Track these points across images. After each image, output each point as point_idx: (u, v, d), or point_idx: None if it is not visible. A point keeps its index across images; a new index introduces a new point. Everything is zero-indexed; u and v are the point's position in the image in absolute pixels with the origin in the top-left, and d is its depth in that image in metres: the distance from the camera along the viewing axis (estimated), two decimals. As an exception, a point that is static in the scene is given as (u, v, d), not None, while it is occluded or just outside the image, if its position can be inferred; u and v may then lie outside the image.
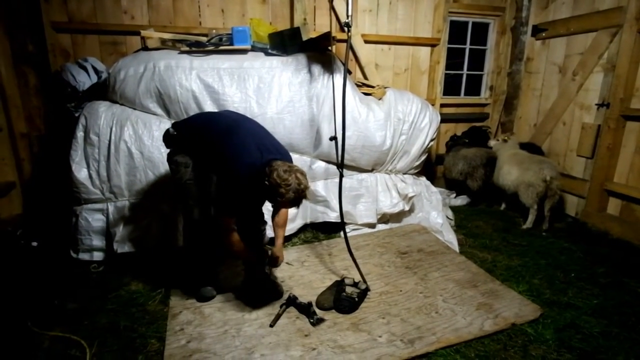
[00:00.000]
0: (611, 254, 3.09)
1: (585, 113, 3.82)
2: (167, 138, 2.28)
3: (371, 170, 3.42)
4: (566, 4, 3.95)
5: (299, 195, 1.94)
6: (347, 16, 2.32)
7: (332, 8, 3.76)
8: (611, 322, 2.23)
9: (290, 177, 1.91)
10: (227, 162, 2.01)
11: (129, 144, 2.79)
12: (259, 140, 2.07)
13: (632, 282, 2.67)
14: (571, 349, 2.01)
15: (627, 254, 3.10)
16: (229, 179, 2.03)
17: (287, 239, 3.11)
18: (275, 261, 2.29)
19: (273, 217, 2.29)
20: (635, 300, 2.45)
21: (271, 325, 2.12)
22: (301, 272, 2.69)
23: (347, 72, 2.49)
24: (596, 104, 3.67)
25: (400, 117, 3.36)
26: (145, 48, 3.09)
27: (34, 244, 2.89)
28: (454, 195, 4.38)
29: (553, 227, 3.60)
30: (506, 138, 4.01)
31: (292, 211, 3.08)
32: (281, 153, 2.09)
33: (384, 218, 3.43)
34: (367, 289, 2.41)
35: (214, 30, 3.33)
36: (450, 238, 3.26)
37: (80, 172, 2.77)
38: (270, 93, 2.99)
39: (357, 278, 2.46)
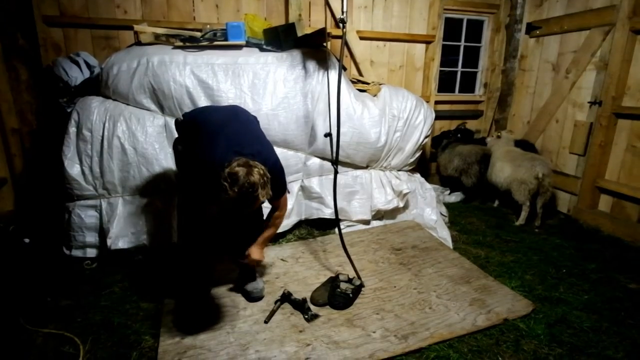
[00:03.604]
0: (602, 250, 3.13)
1: (578, 111, 3.86)
2: (175, 125, 2.35)
3: (366, 167, 3.43)
4: (560, 2, 3.97)
5: (244, 193, 1.67)
6: (342, 12, 2.32)
7: (327, 4, 3.75)
8: (601, 317, 2.27)
9: (241, 170, 1.68)
10: (194, 159, 1.99)
11: (122, 140, 2.76)
12: (239, 145, 1.87)
13: (622, 277, 2.71)
14: (562, 344, 2.04)
15: (617, 250, 3.14)
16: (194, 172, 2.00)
17: (282, 235, 3.11)
18: (244, 258, 2.17)
19: (267, 218, 2.25)
20: (625, 296, 2.49)
21: (266, 322, 2.13)
22: (296, 269, 2.69)
23: (342, 68, 2.48)
24: (588, 102, 3.70)
25: (395, 113, 3.37)
26: (139, 43, 3.07)
27: (26, 240, 2.86)
28: (448, 192, 4.40)
29: (545, 223, 3.63)
30: (499, 134, 4.04)
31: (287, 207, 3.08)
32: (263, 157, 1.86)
33: (379, 214, 3.44)
34: (361, 285, 2.42)
35: (208, 26, 3.31)
36: (444, 234, 3.28)
37: (73, 168, 2.74)
38: (265, 89, 2.98)
39: (352, 274, 2.47)
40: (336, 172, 2.50)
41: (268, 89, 2.99)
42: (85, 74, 3.07)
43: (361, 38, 4.08)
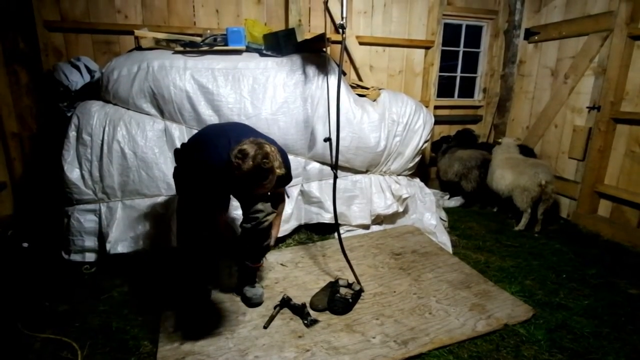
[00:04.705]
0: (602, 255, 3.12)
1: (577, 116, 3.87)
2: (175, 154, 2.30)
3: (365, 172, 3.43)
4: (558, 8, 4.00)
5: (258, 165, 1.62)
6: (342, 18, 2.33)
7: (327, 9, 3.76)
8: (602, 322, 2.26)
9: (250, 146, 1.65)
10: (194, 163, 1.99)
11: (122, 144, 2.77)
12: (239, 140, 1.82)
13: (622, 282, 2.70)
14: (562, 349, 2.03)
15: (617, 255, 3.14)
16: (195, 176, 1.98)
17: (281, 240, 3.10)
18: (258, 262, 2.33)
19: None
20: (625, 301, 2.48)
21: (265, 327, 2.12)
22: (295, 273, 2.68)
23: (342, 73, 2.49)
24: (587, 107, 3.72)
25: (394, 118, 3.37)
26: (139, 48, 3.08)
27: (25, 245, 2.86)
28: (448, 196, 4.40)
29: (545, 228, 3.63)
30: (499, 140, 4.03)
31: (286, 211, 3.08)
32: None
33: (378, 219, 3.44)
34: (361, 290, 2.41)
35: (208, 31, 3.32)
36: (444, 239, 3.28)
37: (73, 172, 2.74)
38: (265, 94, 2.99)
39: (351, 279, 2.46)
40: (335, 177, 2.50)
41: (268, 93, 2.99)
42: (85, 78, 3.07)
43: (361, 43, 4.10)
